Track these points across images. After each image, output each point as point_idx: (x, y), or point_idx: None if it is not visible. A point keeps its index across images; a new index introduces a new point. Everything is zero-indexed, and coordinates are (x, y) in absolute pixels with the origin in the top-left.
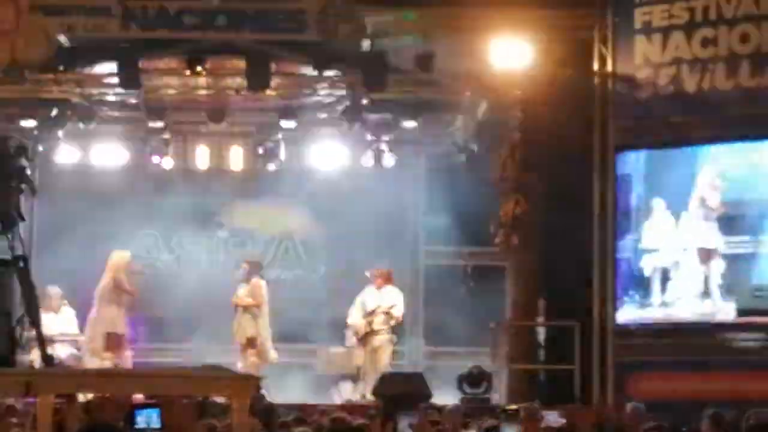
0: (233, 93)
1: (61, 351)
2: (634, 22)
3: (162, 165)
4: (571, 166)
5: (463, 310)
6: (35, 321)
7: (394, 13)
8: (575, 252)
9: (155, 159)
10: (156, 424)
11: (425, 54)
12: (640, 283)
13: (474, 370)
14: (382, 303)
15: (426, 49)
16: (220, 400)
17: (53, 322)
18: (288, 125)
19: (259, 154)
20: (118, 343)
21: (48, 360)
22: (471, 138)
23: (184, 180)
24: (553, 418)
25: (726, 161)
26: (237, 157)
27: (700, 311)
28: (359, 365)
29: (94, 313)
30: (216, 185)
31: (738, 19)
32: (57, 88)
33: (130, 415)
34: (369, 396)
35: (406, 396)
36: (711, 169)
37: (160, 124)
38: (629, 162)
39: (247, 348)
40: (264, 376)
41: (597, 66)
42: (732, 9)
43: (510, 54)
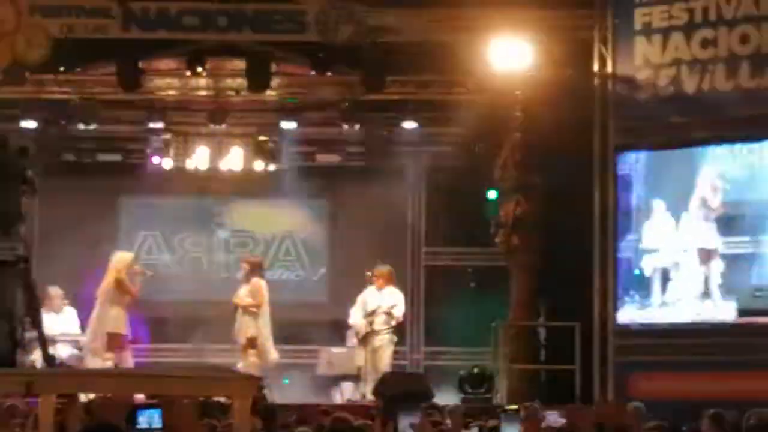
0: (233, 94)
1: (63, 351)
2: (634, 22)
3: (162, 165)
4: (572, 166)
5: (464, 310)
6: (36, 321)
7: (394, 14)
8: (576, 252)
9: (156, 159)
10: (157, 424)
11: (425, 54)
12: (640, 284)
13: (475, 370)
14: (382, 303)
15: (426, 50)
16: (221, 399)
17: (54, 322)
18: (288, 126)
19: (260, 154)
20: (119, 344)
21: (49, 360)
22: (471, 138)
23: (184, 180)
24: (554, 418)
25: (726, 162)
26: (237, 158)
27: (700, 311)
28: (360, 365)
29: (95, 314)
30: (216, 186)
31: (738, 20)
32: (57, 88)
33: (131, 416)
34: (370, 396)
35: (406, 396)
36: (711, 170)
37: (160, 124)
38: (629, 162)
39: (248, 348)
40: (265, 375)
41: (597, 67)
42: (732, 10)
43: (510, 54)
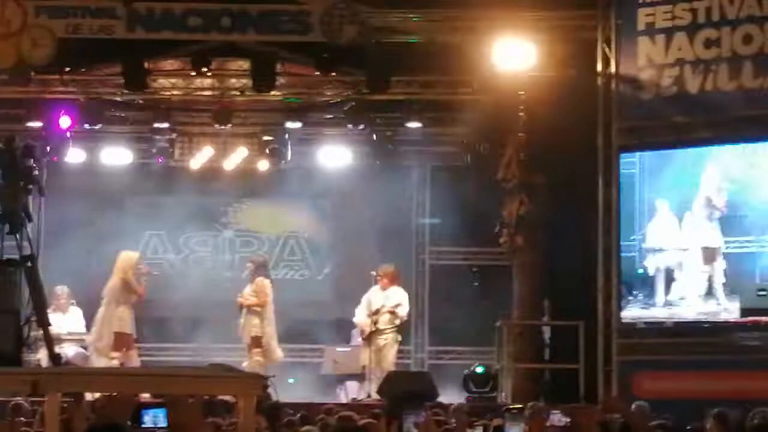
0: (238, 94)
1: (69, 350)
2: (637, 23)
3: (168, 165)
4: (575, 166)
5: (468, 309)
6: (43, 320)
7: (398, 15)
8: (579, 252)
9: (161, 159)
10: (162, 423)
11: (429, 55)
12: (644, 283)
13: (479, 369)
14: (387, 302)
15: (430, 50)
16: (226, 398)
17: (61, 321)
18: (293, 125)
19: (265, 154)
20: (125, 343)
21: (55, 359)
22: (475, 138)
23: (189, 180)
24: (558, 417)
25: (729, 162)
26: (242, 158)
27: (704, 310)
28: (365, 364)
29: (101, 313)
30: (221, 185)
31: (741, 20)
32: (63, 88)
33: (136, 414)
34: (374, 395)
35: (411, 395)
36: (715, 170)
37: (165, 124)
38: (633, 162)
39: (253, 347)
40: (271, 374)
41: (600, 67)
42: (735, 10)
43: (514, 55)
